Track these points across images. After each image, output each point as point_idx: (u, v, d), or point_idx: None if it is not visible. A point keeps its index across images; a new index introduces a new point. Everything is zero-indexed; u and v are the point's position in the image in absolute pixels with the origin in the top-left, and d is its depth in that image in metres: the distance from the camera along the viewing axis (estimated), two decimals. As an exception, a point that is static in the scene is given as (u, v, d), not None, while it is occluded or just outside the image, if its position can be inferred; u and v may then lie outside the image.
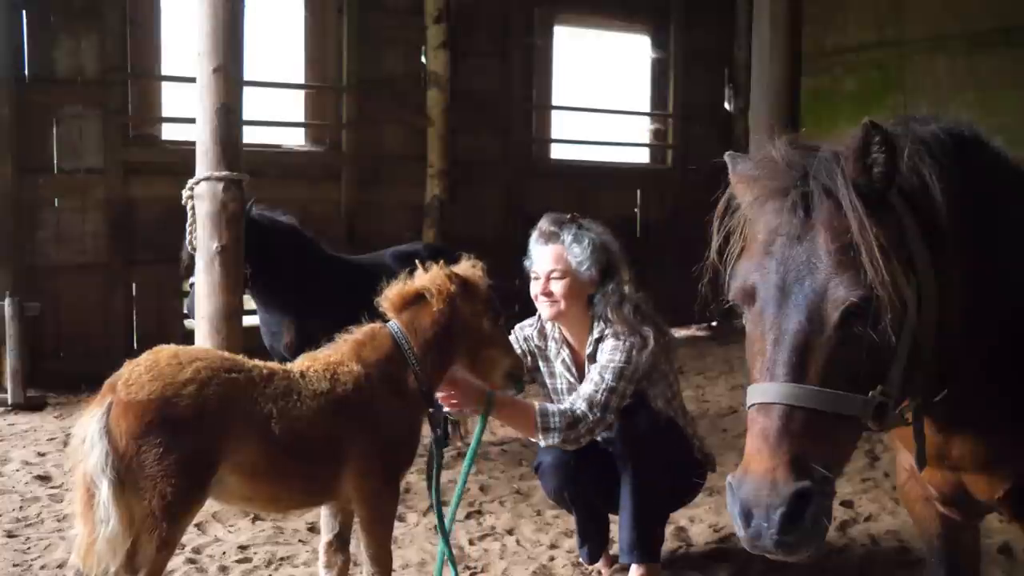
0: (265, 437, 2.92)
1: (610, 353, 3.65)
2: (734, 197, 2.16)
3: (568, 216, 3.85)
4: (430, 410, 3.27)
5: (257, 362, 3.11)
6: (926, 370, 2.06)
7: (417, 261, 3.44)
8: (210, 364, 2.93)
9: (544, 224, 3.83)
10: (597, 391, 3.59)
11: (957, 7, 9.88)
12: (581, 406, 3.56)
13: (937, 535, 2.74)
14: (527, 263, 3.87)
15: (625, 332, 3.69)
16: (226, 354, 3.15)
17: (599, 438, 3.86)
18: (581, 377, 3.82)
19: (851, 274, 1.88)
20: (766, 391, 1.89)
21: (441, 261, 3.37)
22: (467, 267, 3.38)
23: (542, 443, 3.60)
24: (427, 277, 3.30)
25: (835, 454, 1.93)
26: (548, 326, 3.94)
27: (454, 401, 3.37)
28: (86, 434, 2.79)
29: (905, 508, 2.98)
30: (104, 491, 2.72)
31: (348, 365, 3.15)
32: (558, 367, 3.93)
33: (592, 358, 3.75)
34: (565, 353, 3.90)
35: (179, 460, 2.76)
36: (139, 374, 2.84)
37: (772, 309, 1.93)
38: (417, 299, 3.27)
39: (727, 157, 2.23)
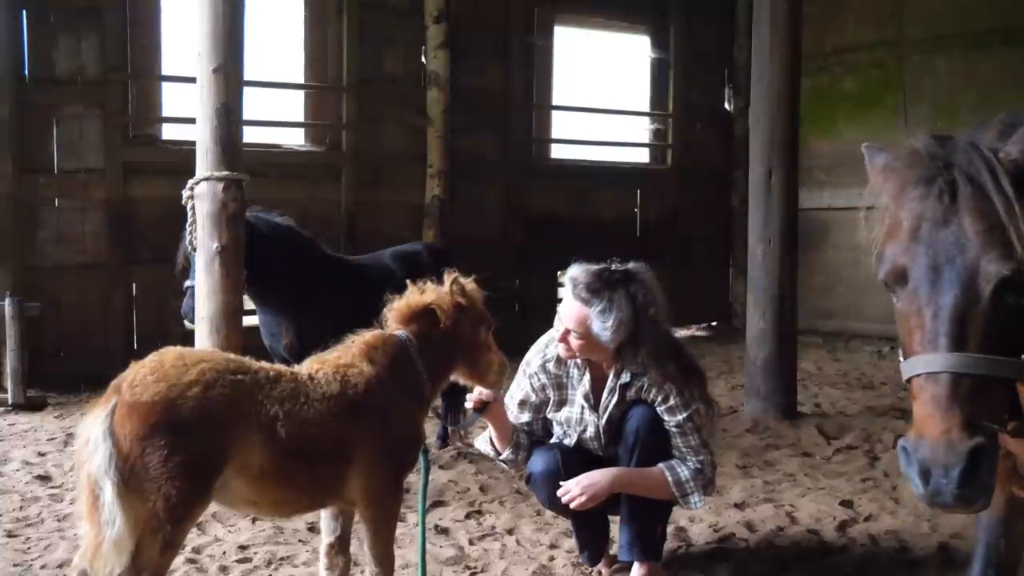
0: (271, 439, 2.91)
1: (667, 412, 3.73)
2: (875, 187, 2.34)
3: (610, 273, 3.63)
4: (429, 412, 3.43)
5: (264, 364, 3.11)
6: None
7: (419, 271, 3.57)
8: (215, 366, 2.91)
9: (582, 277, 3.61)
10: (691, 440, 3.74)
11: (957, 7, 9.89)
12: (691, 459, 3.74)
13: (998, 519, 2.83)
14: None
15: (670, 389, 3.71)
16: (232, 356, 3.12)
17: (592, 444, 3.87)
18: (597, 404, 3.82)
19: (1000, 251, 2.05)
20: (931, 362, 2.06)
21: (447, 275, 3.48)
22: (467, 283, 3.47)
23: (687, 508, 3.86)
24: (433, 293, 3.43)
25: (996, 414, 2.10)
26: None
27: (584, 499, 3.64)
28: (90, 435, 2.76)
29: None
30: (108, 493, 2.69)
31: (358, 366, 3.18)
32: (578, 395, 3.85)
33: (616, 390, 3.76)
34: (587, 380, 3.83)
35: (183, 462, 2.74)
36: (143, 376, 2.82)
37: (926, 288, 2.11)
38: (425, 313, 3.39)
39: (864, 149, 2.39)
